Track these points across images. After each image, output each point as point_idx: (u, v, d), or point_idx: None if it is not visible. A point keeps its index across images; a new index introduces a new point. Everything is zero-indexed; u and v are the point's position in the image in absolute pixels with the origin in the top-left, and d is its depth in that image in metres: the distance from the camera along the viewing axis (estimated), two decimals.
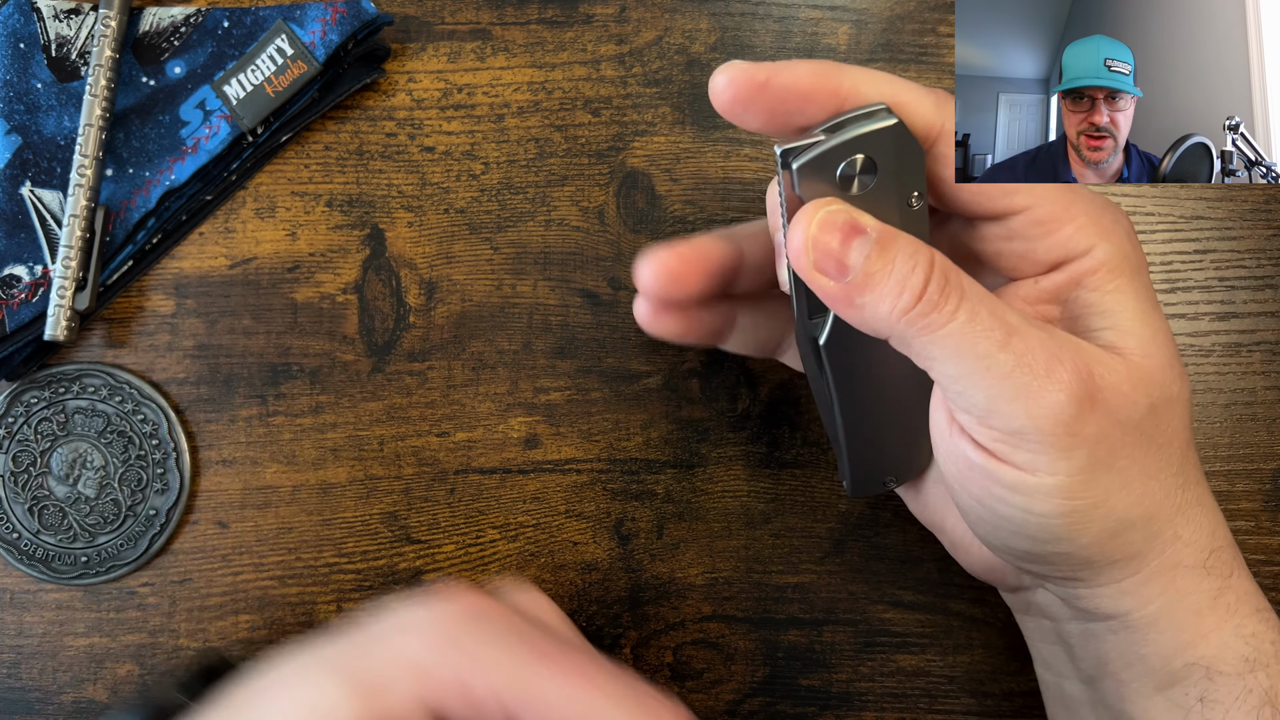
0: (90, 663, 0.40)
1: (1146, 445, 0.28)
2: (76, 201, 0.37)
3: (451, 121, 0.40)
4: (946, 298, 0.26)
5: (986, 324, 0.26)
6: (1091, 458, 0.27)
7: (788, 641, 0.40)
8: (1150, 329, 0.28)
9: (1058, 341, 0.27)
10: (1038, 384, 0.26)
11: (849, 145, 0.26)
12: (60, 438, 0.39)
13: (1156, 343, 0.28)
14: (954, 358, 0.26)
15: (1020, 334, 0.26)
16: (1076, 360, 0.26)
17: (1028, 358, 0.26)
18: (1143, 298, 0.29)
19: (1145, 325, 0.28)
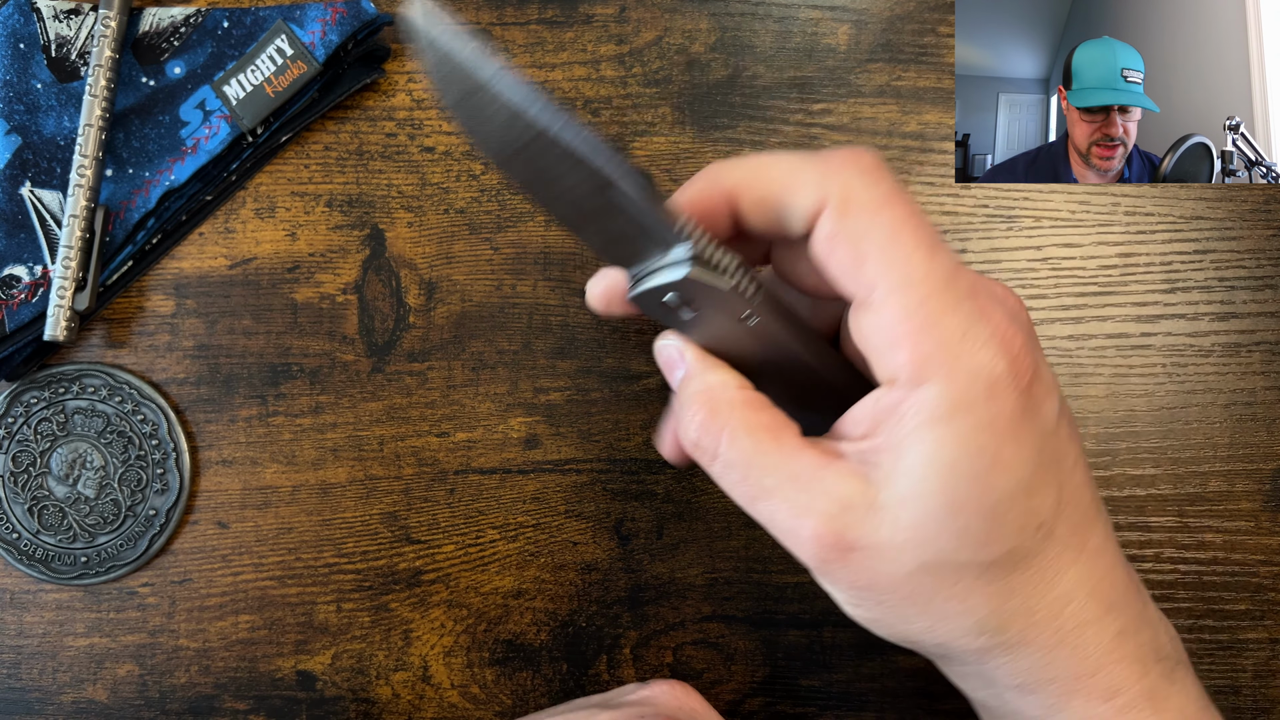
0: (90, 663, 0.40)
1: (924, 599, 0.27)
2: (76, 202, 0.37)
3: (451, 121, 0.40)
4: (700, 452, 0.29)
5: (733, 485, 0.28)
6: (857, 595, 0.28)
7: (788, 641, 0.40)
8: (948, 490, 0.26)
9: (808, 495, 0.27)
10: (786, 539, 0.28)
11: (653, 292, 0.28)
12: (60, 438, 0.39)
13: (948, 507, 0.26)
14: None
15: (765, 494, 0.28)
16: (822, 520, 0.27)
17: (773, 518, 0.28)
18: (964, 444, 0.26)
19: (943, 484, 0.26)
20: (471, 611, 0.40)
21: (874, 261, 0.26)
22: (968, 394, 0.25)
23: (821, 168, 0.27)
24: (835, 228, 0.26)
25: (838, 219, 0.26)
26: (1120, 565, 0.28)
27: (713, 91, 0.40)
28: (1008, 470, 0.26)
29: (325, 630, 0.40)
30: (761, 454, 0.28)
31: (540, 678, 0.40)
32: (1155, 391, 0.40)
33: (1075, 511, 0.27)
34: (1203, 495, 0.40)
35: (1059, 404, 0.27)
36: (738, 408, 0.29)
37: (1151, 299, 0.40)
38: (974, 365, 0.25)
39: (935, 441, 0.26)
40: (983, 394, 0.25)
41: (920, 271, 0.26)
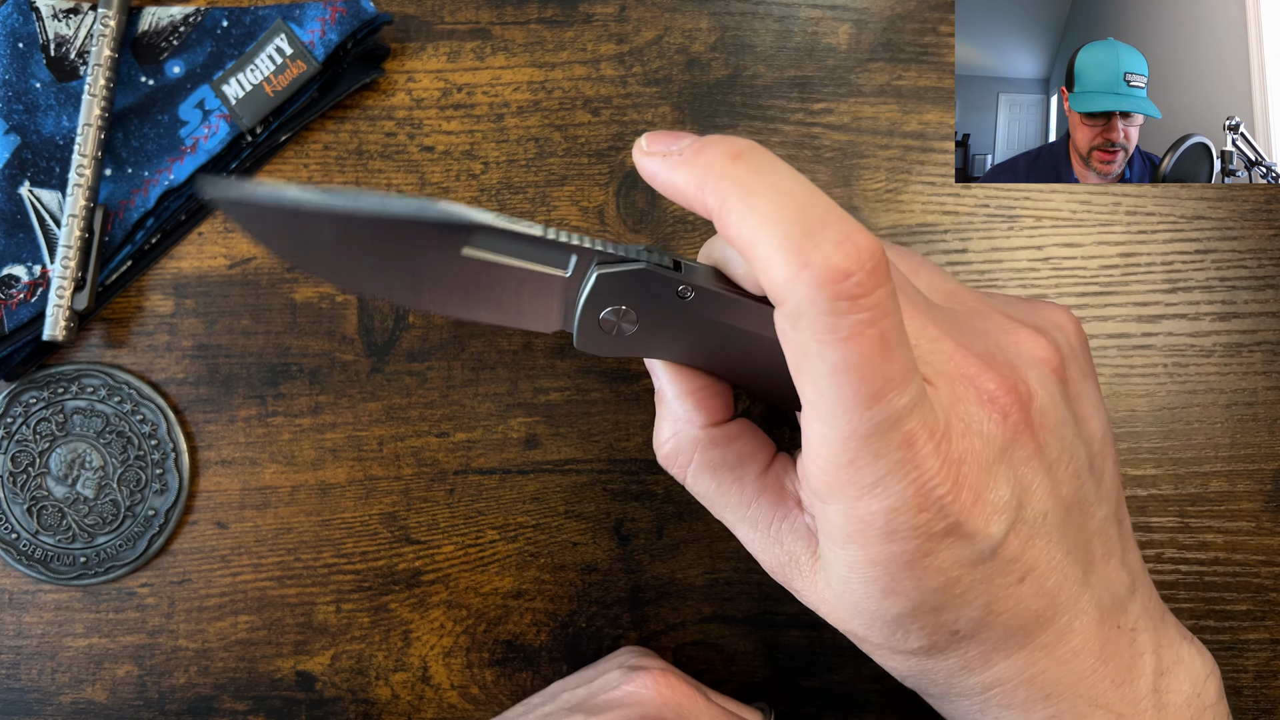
0: (89, 663, 0.40)
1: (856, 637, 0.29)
2: (75, 201, 0.37)
3: (451, 121, 0.40)
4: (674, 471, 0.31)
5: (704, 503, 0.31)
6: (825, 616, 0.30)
7: (788, 642, 0.40)
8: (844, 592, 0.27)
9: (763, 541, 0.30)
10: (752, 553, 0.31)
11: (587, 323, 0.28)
12: (59, 438, 0.39)
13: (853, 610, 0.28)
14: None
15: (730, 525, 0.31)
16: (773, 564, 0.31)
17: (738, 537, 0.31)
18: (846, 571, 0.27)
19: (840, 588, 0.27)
20: (471, 612, 0.40)
21: (809, 385, 0.24)
22: (862, 532, 0.25)
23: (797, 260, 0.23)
24: (781, 329, 0.25)
25: (786, 326, 0.24)
26: (1081, 657, 0.28)
27: (713, 91, 0.40)
28: (901, 598, 0.26)
29: (325, 631, 0.40)
30: (721, 494, 0.30)
31: (540, 678, 0.40)
32: (1156, 391, 0.40)
33: (1015, 619, 0.27)
34: (1204, 496, 0.40)
35: (1002, 533, 0.26)
36: (700, 447, 0.30)
37: (1153, 299, 0.40)
38: (874, 511, 0.25)
39: (835, 556, 0.27)
40: (878, 535, 0.25)
41: (850, 421, 0.24)
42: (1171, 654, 0.29)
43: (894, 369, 0.23)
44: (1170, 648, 0.29)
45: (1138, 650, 0.29)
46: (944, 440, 0.25)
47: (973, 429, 0.26)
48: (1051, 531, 0.27)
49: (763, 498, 0.29)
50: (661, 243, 0.40)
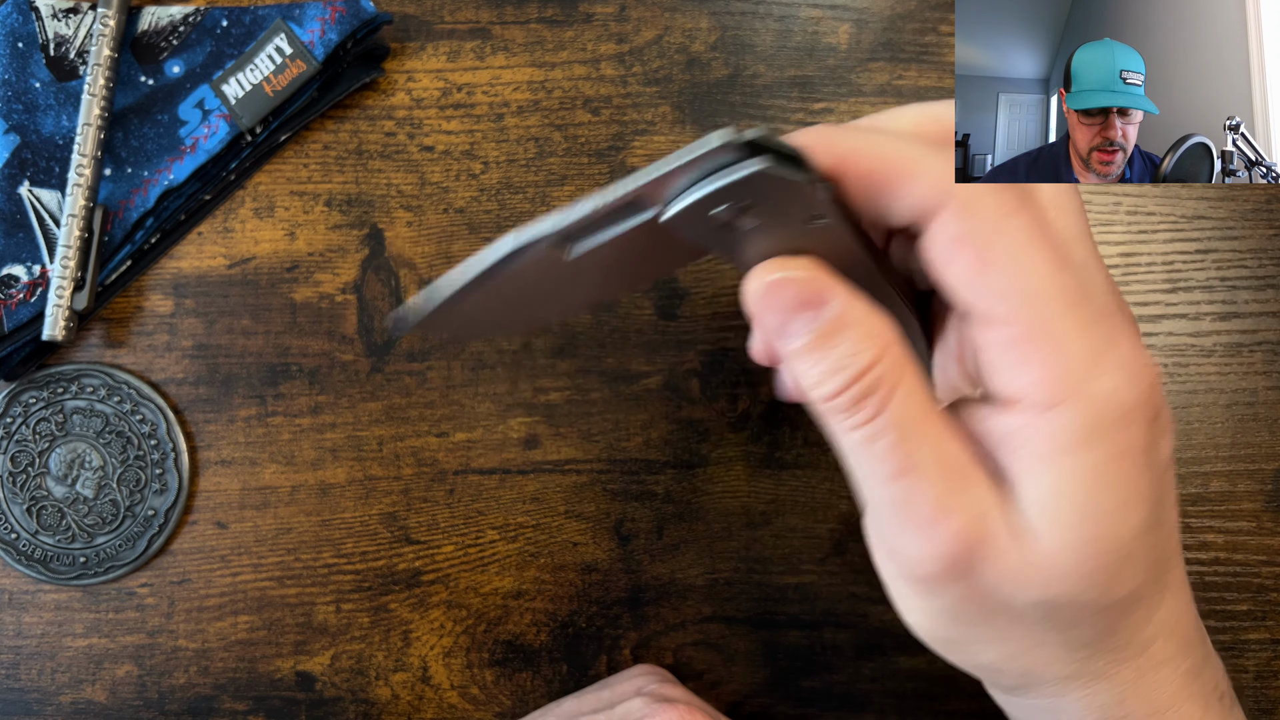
0: (89, 663, 0.40)
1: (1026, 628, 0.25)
2: (75, 201, 0.37)
3: (451, 121, 0.40)
4: (860, 407, 0.24)
5: (883, 453, 0.24)
6: (953, 613, 0.25)
7: (788, 642, 0.40)
8: (1084, 524, 0.24)
9: (957, 491, 0.24)
10: (911, 532, 0.24)
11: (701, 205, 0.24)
12: (59, 438, 0.39)
13: (1083, 542, 0.24)
14: (849, 461, 0.25)
15: (915, 472, 0.24)
16: (965, 524, 0.24)
17: (911, 502, 0.24)
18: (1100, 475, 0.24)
19: (1079, 518, 0.24)
20: (471, 612, 0.40)
21: (1000, 272, 0.23)
22: (1102, 422, 0.23)
23: (944, 163, 0.24)
24: (959, 230, 0.23)
25: (962, 220, 0.23)
26: (1192, 603, 0.28)
27: (713, 90, 0.40)
28: (1140, 504, 0.24)
29: (324, 631, 0.40)
30: (927, 424, 0.24)
31: (540, 678, 0.40)
32: None
33: (1173, 549, 0.27)
34: (1204, 495, 0.40)
35: (1171, 444, 0.26)
36: (910, 362, 0.25)
37: (1153, 299, 0.40)
38: (1107, 391, 0.23)
39: (1070, 472, 0.24)
40: (1116, 422, 0.24)
41: (1051, 286, 0.23)
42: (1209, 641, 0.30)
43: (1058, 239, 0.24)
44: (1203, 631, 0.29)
45: (1201, 622, 0.29)
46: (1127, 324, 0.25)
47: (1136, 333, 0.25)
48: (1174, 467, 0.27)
49: (957, 439, 0.25)
50: None
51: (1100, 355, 0.23)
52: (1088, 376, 0.23)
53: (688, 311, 0.40)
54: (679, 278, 0.40)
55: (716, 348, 0.40)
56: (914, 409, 0.24)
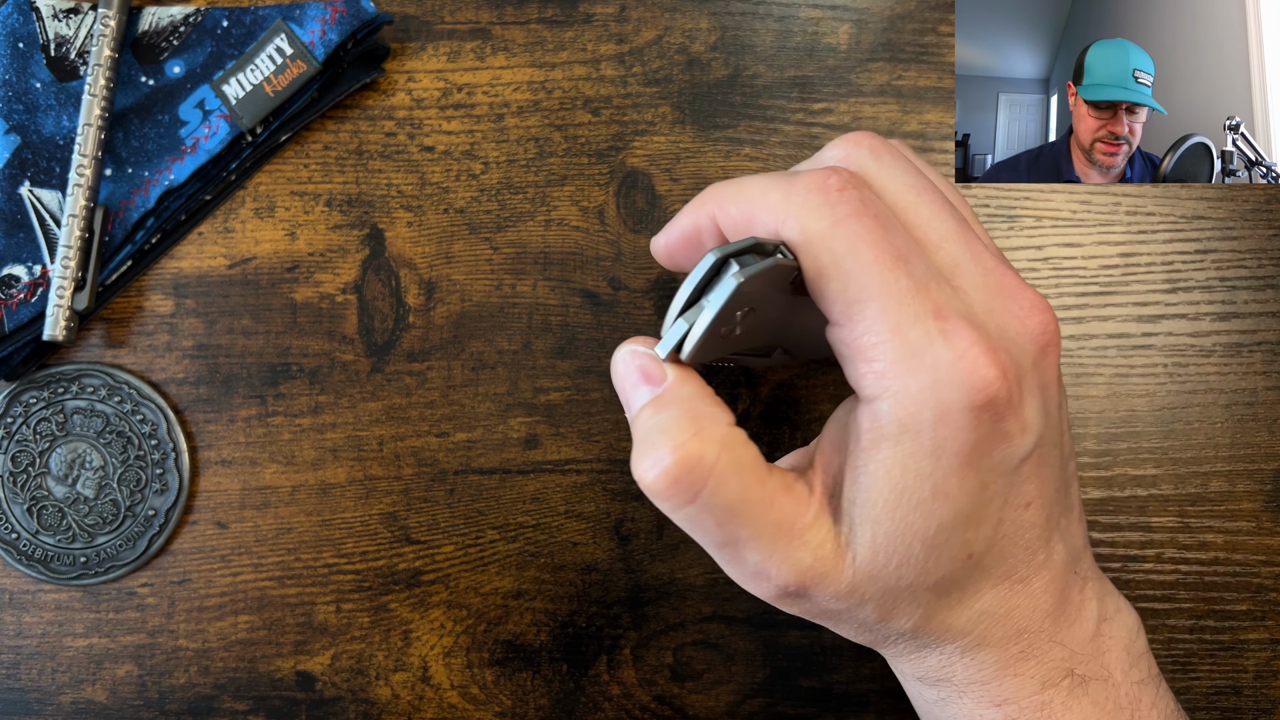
0: (89, 663, 0.40)
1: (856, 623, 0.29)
2: (75, 201, 0.37)
3: (451, 121, 0.40)
4: (677, 492, 0.27)
5: (706, 530, 0.27)
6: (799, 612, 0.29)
7: (788, 642, 0.40)
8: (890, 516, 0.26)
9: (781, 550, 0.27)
10: (747, 582, 0.28)
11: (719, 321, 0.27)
12: (59, 438, 0.39)
13: (889, 536, 0.26)
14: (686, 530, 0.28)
15: (736, 545, 0.27)
16: (790, 578, 0.27)
17: (739, 563, 0.28)
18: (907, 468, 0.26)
19: (886, 508, 0.26)
20: (471, 612, 0.40)
21: (834, 281, 0.26)
22: (916, 416, 0.25)
23: (782, 195, 0.27)
24: (795, 244, 0.27)
25: (795, 236, 0.27)
26: (1048, 593, 0.29)
27: (713, 91, 0.40)
28: (948, 500, 0.26)
29: (325, 631, 0.40)
30: (746, 501, 0.27)
31: (540, 678, 0.40)
32: (1156, 391, 0.40)
33: (1011, 546, 0.28)
34: (1204, 495, 0.40)
35: (1032, 444, 0.27)
36: (728, 445, 0.27)
37: (1153, 299, 0.40)
38: (925, 386, 0.25)
39: (881, 462, 0.26)
40: (931, 419, 0.25)
41: (878, 284, 0.25)
42: (1111, 604, 0.31)
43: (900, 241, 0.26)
44: (1110, 598, 0.31)
45: (1086, 596, 0.30)
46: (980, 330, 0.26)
47: (1007, 335, 0.27)
48: (1055, 463, 0.28)
49: (783, 497, 0.27)
50: None
51: (923, 351, 0.25)
52: (905, 371, 0.25)
53: None
54: (679, 278, 0.40)
55: None
56: (729, 491, 0.27)
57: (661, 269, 0.40)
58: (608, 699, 0.40)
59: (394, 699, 0.40)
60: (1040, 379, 0.27)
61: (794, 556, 0.27)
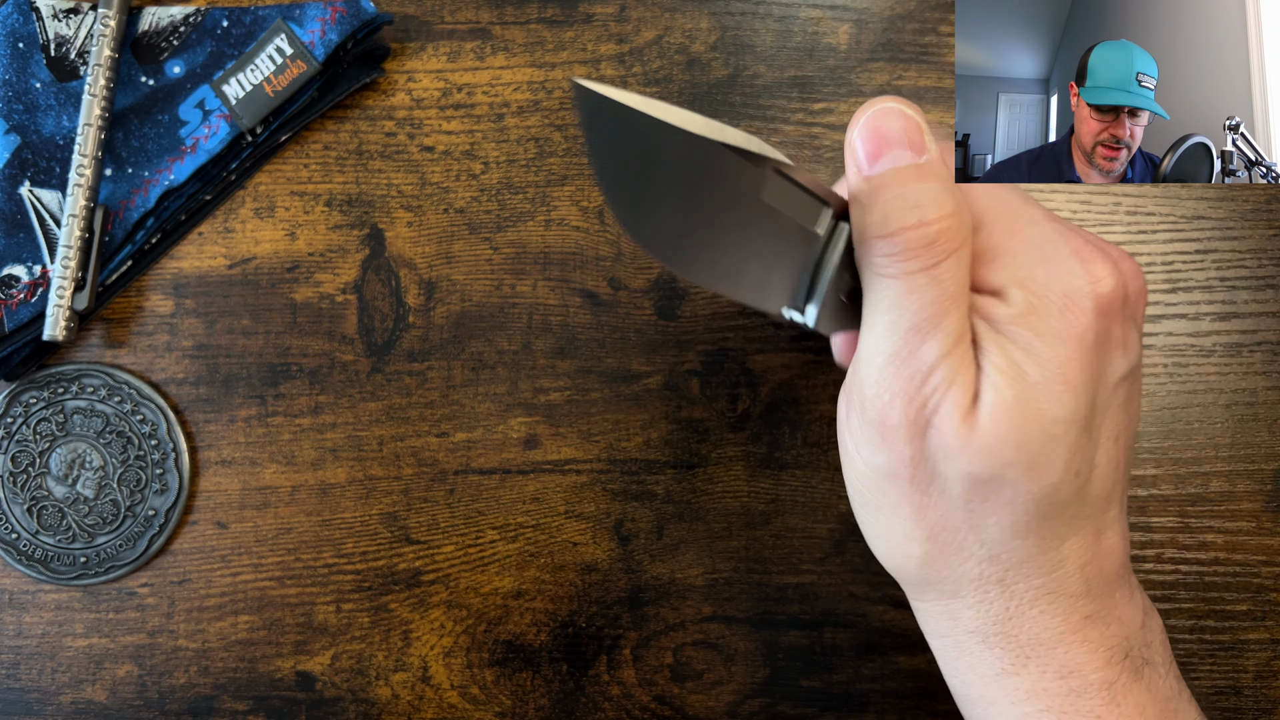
0: (89, 663, 0.40)
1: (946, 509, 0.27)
2: (75, 201, 0.37)
3: (451, 121, 0.40)
4: (920, 253, 0.26)
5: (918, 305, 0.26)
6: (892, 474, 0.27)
7: (788, 642, 0.40)
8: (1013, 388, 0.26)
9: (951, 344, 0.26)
10: (899, 386, 0.26)
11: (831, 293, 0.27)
12: (59, 438, 0.39)
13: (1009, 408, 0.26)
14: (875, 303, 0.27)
15: (935, 334, 0.26)
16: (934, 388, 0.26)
17: (908, 356, 0.26)
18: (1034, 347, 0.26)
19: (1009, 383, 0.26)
20: (471, 612, 0.40)
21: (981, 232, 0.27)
22: (1043, 301, 0.26)
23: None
24: None
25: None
26: (1115, 557, 0.28)
27: (713, 91, 0.40)
28: (1068, 391, 0.26)
29: (325, 631, 0.40)
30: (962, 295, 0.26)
31: (540, 678, 0.40)
32: (1157, 391, 0.40)
33: (1099, 484, 0.27)
34: (1204, 496, 0.40)
35: (1129, 368, 0.27)
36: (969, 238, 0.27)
37: (1153, 299, 0.40)
38: (1052, 276, 0.26)
39: (1008, 345, 0.26)
40: (1058, 304, 0.26)
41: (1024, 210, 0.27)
42: (1147, 599, 0.30)
43: None
44: (1143, 592, 0.30)
45: (1134, 583, 0.30)
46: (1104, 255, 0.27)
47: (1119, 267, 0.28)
48: (1135, 404, 0.28)
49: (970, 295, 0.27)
50: None
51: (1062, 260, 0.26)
52: (1035, 260, 0.26)
53: (688, 311, 0.40)
54: (679, 277, 0.40)
55: (716, 348, 0.40)
56: (960, 277, 0.26)
57: (661, 269, 0.40)
58: (608, 699, 0.40)
59: (394, 699, 0.40)
60: (1135, 316, 0.28)
61: (962, 368, 0.26)
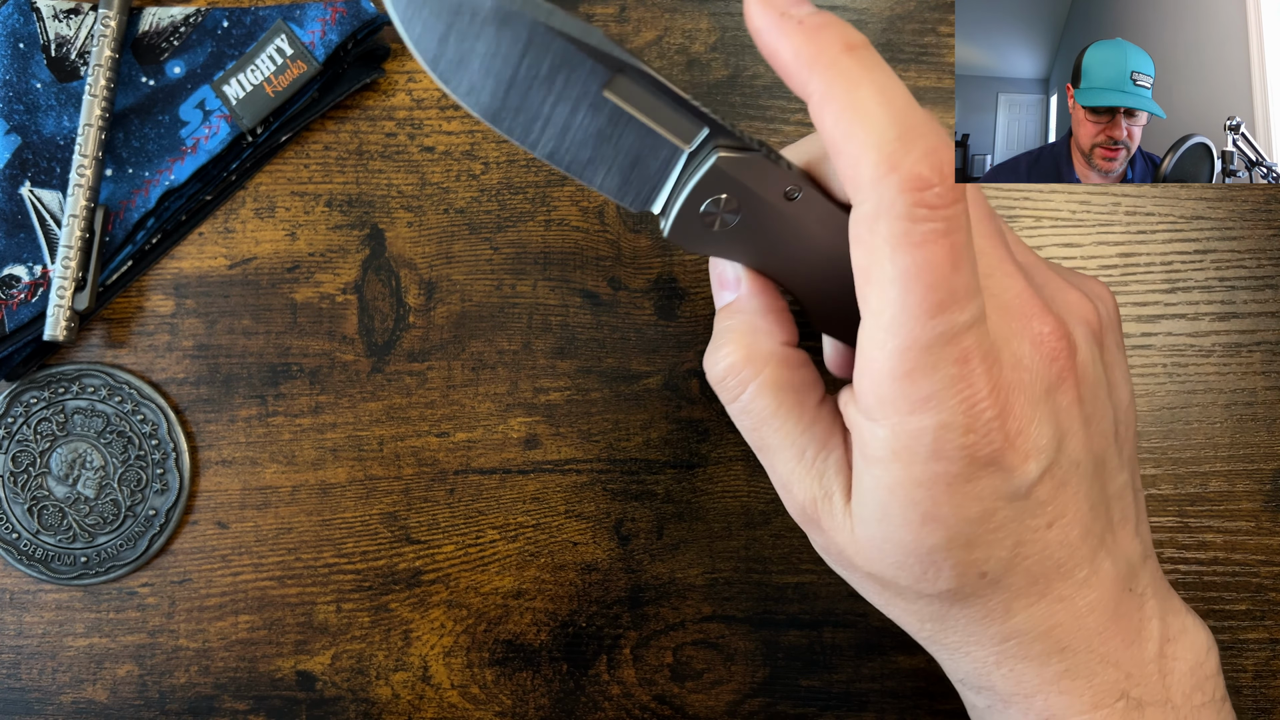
0: (90, 663, 0.40)
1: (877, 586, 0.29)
2: (76, 201, 0.37)
3: (451, 121, 0.40)
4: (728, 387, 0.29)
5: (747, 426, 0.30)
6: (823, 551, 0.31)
7: (788, 642, 0.40)
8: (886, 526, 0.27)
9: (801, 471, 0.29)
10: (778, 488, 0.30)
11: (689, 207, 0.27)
12: (60, 438, 0.39)
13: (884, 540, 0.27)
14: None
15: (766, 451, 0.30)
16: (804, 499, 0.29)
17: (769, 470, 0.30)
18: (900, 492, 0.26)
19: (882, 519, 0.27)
20: (471, 612, 0.40)
21: (875, 292, 0.25)
22: (909, 449, 0.25)
23: (887, 164, 0.24)
24: (856, 233, 0.25)
25: (862, 229, 0.25)
26: (1096, 611, 0.28)
27: (713, 91, 0.40)
28: (940, 526, 0.26)
29: (325, 630, 0.40)
30: (778, 417, 0.29)
31: (540, 678, 0.40)
32: (1156, 391, 0.40)
33: (1040, 565, 0.27)
34: (1203, 495, 0.40)
35: (1039, 471, 0.26)
36: (772, 362, 0.29)
37: (1152, 299, 0.40)
38: (924, 426, 0.25)
39: (879, 479, 0.26)
40: (925, 453, 0.25)
41: (912, 328, 0.24)
42: (1177, 623, 0.30)
43: (960, 283, 0.24)
44: (1175, 617, 0.30)
45: (1146, 615, 0.29)
46: (995, 366, 0.25)
47: (1022, 364, 0.26)
48: (1081, 483, 0.28)
49: (816, 426, 0.29)
50: None
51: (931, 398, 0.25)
52: (908, 410, 0.25)
53: (688, 311, 0.40)
54: (679, 277, 0.40)
55: None
56: (766, 401, 0.29)
57: (661, 269, 0.40)
58: (608, 699, 0.40)
59: (394, 699, 0.40)
60: (1053, 405, 0.27)
61: (805, 482, 0.29)
